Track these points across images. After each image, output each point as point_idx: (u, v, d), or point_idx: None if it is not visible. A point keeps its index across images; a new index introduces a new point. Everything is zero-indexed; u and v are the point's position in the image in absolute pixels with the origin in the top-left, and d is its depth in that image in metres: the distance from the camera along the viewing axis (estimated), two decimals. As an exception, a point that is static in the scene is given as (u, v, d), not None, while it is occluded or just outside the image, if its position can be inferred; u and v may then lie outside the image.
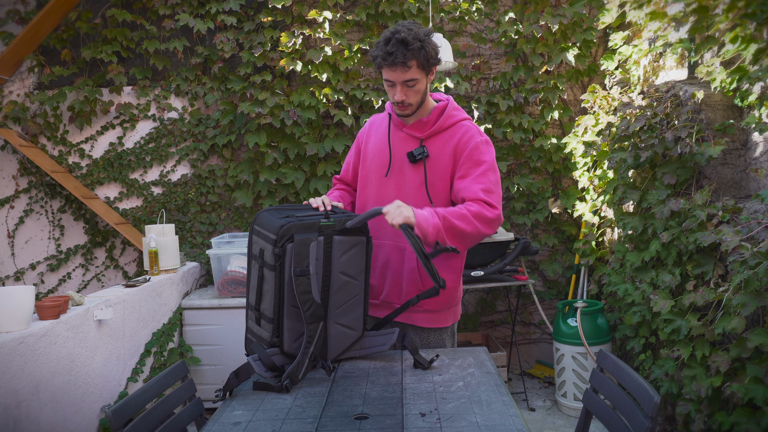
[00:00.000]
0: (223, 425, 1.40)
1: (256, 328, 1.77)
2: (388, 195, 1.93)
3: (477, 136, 1.88)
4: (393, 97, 1.85)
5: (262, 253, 1.71)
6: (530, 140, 3.89)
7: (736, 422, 2.21)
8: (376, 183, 1.96)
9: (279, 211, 1.76)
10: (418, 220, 1.68)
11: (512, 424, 1.33)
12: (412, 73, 1.80)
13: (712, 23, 2.33)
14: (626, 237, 3.09)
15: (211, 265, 3.45)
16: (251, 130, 3.78)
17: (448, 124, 1.91)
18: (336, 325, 1.78)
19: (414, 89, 1.83)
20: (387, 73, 1.82)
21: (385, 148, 1.96)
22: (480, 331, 3.97)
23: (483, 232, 1.78)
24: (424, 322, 1.96)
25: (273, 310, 1.69)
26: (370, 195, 1.98)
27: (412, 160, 1.89)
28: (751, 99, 2.52)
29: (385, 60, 1.78)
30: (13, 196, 3.96)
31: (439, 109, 1.92)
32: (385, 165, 1.95)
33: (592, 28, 3.77)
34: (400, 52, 1.75)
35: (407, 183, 1.91)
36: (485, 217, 1.77)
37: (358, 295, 1.81)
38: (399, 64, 1.77)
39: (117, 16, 3.79)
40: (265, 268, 1.70)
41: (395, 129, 1.97)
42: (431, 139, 1.91)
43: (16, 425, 1.94)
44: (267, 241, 1.69)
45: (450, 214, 1.74)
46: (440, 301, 1.94)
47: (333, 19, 3.75)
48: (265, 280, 1.71)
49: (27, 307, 2.05)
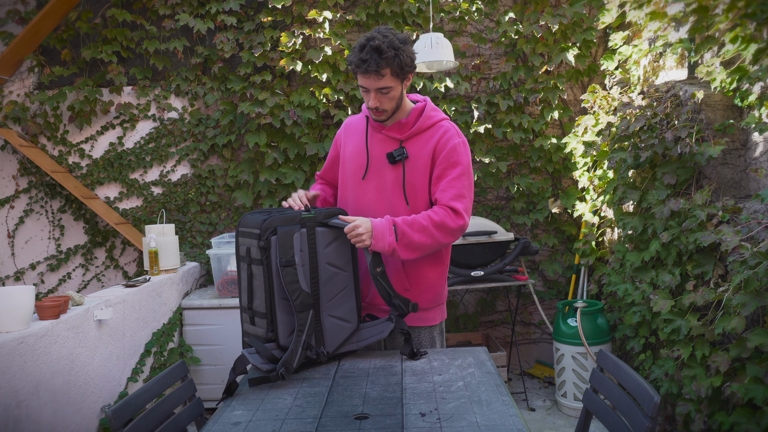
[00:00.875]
0: (223, 425, 1.40)
1: (251, 329, 1.79)
2: (367, 197, 1.94)
3: (455, 137, 1.90)
4: (367, 102, 1.86)
5: (249, 251, 1.74)
6: (530, 140, 3.89)
7: (736, 422, 2.21)
8: (355, 185, 1.97)
9: (261, 212, 1.81)
10: (373, 243, 1.75)
11: (512, 424, 1.33)
12: (386, 81, 1.80)
13: (712, 23, 2.33)
14: (626, 237, 3.09)
15: (211, 265, 3.45)
16: (251, 130, 3.78)
17: (427, 125, 1.92)
18: (330, 317, 1.80)
19: (388, 96, 1.84)
20: (361, 80, 1.83)
21: (363, 151, 1.97)
22: (480, 331, 3.97)
23: (443, 242, 1.83)
24: (413, 321, 1.98)
25: (265, 305, 1.71)
26: (349, 198, 1.99)
27: (392, 161, 1.89)
28: (751, 99, 2.52)
29: (359, 67, 1.79)
30: (13, 196, 3.96)
31: (417, 111, 1.93)
32: (362, 167, 1.96)
33: (592, 28, 3.77)
34: (373, 60, 1.76)
35: (386, 184, 1.92)
36: (447, 227, 1.81)
37: (348, 286, 1.85)
38: (372, 72, 1.77)
39: (117, 16, 3.80)
40: (252, 265, 1.74)
41: (373, 131, 1.97)
42: (410, 140, 1.92)
43: (16, 425, 1.94)
44: (251, 237, 1.73)
45: (410, 227, 1.79)
46: (427, 299, 1.97)
47: (333, 19, 3.75)
48: (254, 277, 1.74)
49: (27, 307, 2.05)
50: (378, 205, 1.92)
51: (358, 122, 2.05)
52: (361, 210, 1.95)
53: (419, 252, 1.81)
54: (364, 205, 1.95)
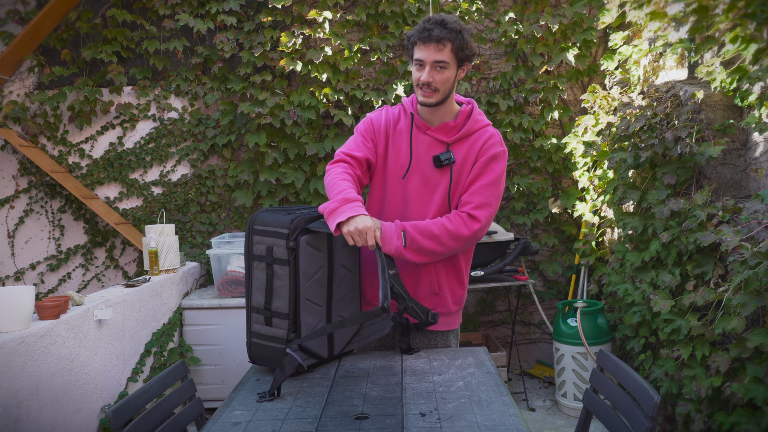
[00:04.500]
0: (223, 425, 1.40)
1: (265, 330, 1.73)
2: (404, 198, 1.87)
3: (498, 145, 1.86)
4: (419, 79, 1.76)
5: (270, 251, 1.69)
6: (530, 140, 3.89)
7: (736, 422, 2.21)
8: (393, 184, 1.89)
9: (277, 211, 1.76)
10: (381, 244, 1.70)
11: (512, 424, 1.33)
12: (445, 55, 1.73)
13: (712, 23, 2.33)
14: (626, 237, 3.09)
15: (211, 265, 3.45)
16: (251, 130, 3.78)
17: (474, 129, 1.86)
18: (338, 317, 1.81)
19: (443, 75, 1.76)
20: (419, 52, 1.75)
21: (405, 149, 1.88)
22: (480, 331, 3.97)
23: (456, 249, 1.81)
24: (438, 326, 1.94)
25: (288, 306, 1.68)
26: (387, 195, 1.90)
27: (438, 164, 1.83)
28: (751, 99, 2.52)
29: (421, 35, 1.73)
30: (13, 196, 3.96)
31: (465, 113, 1.87)
32: (403, 167, 1.87)
33: (592, 28, 3.77)
34: (437, 29, 1.72)
35: (428, 188, 1.85)
36: (460, 236, 1.77)
37: (355, 288, 1.87)
38: (434, 40, 1.71)
39: (117, 16, 3.79)
40: (275, 265, 1.69)
41: (417, 131, 1.88)
42: (457, 144, 1.85)
43: (16, 425, 1.94)
44: (276, 237, 1.68)
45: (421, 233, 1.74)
46: (453, 302, 1.93)
47: (333, 19, 3.75)
48: (276, 277, 1.69)
49: (27, 307, 2.05)
50: (413, 206, 1.86)
51: (398, 118, 1.92)
52: (395, 208, 1.88)
53: (430, 258, 1.78)
54: (400, 205, 1.87)
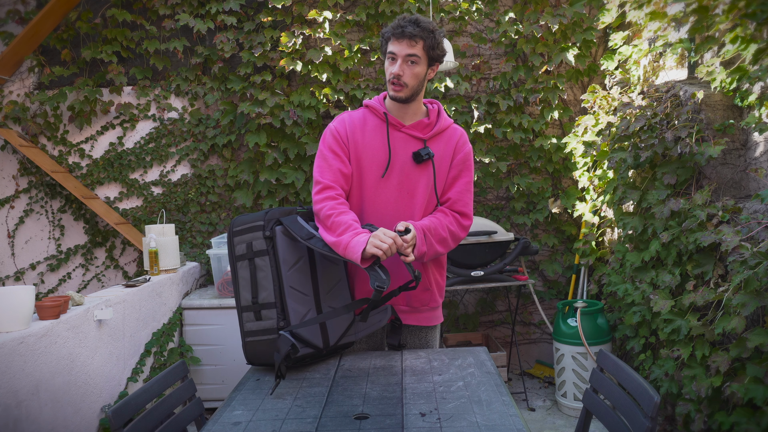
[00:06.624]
0: (223, 425, 1.40)
1: (256, 325, 1.76)
2: (385, 196, 1.89)
3: (469, 142, 2.01)
4: (390, 71, 1.84)
5: (251, 246, 1.76)
6: (530, 140, 3.89)
7: (736, 422, 2.21)
8: (372, 184, 1.90)
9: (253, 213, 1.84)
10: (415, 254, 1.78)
11: (512, 424, 1.33)
12: (417, 50, 1.81)
13: (712, 23, 2.33)
14: (626, 237, 3.09)
15: (211, 265, 3.45)
16: (251, 130, 3.78)
17: (445, 126, 1.97)
18: (329, 308, 1.82)
19: (413, 70, 1.83)
20: (392, 46, 1.83)
21: (382, 148, 1.90)
22: (480, 331, 3.97)
23: (452, 247, 1.94)
24: (426, 321, 2.00)
25: (274, 294, 1.72)
26: (366, 197, 1.91)
27: (418, 160, 1.89)
28: (751, 99, 2.52)
29: (395, 31, 1.82)
30: (13, 196, 3.96)
31: (435, 112, 1.98)
32: (382, 166, 1.89)
33: (592, 28, 3.77)
34: (411, 27, 1.80)
35: (410, 183, 1.90)
36: (457, 236, 1.92)
37: (342, 279, 1.89)
38: (407, 36, 1.80)
39: (117, 16, 3.79)
40: (256, 258, 1.75)
41: (393, 129, 1.91)
42: (433, 140, 1.93)
43: (16, 425, 1.94)
44: (253, 231, 1.75)
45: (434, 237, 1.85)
46: (439, 296, 2.02)
47: (333, 19, 3.75)
48: (259, 269, 1.74)
49: (27, 307, 2.05)
50: (397, 204, 1.89)
51: (365, 119, 1.94)
52: (377, 209, 1.89)
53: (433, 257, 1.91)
54: (384, 204, 1.90)
